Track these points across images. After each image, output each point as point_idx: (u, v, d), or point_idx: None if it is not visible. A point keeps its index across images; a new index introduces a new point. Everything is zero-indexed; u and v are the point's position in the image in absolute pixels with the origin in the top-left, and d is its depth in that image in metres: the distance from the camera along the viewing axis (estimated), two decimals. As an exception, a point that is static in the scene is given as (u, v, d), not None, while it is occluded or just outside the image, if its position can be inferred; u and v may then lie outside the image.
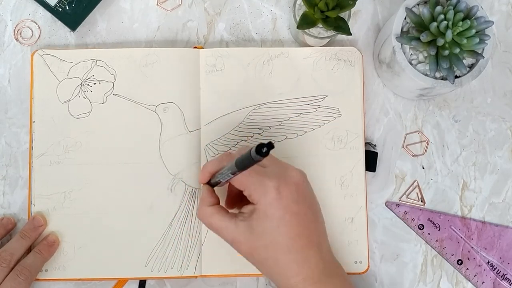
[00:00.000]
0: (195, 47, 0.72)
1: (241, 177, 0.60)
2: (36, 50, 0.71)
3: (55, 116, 0.70)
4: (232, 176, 0.59)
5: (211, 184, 0.64)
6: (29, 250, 0.68)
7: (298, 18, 0.66)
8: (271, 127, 0.71)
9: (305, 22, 0.66)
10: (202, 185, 0.65)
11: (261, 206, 0.60)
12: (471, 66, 0.66)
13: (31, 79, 0.71)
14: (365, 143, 0.71)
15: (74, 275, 0.69)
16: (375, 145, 0.72)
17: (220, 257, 0.69)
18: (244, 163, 0.55)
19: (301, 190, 0.62)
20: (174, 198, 0.70)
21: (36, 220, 0.68)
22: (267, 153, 0.51)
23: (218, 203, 0.64)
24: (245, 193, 0.61)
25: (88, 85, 0.71)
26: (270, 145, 0.51)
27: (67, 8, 0.71)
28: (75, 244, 0.69)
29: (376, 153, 0.72)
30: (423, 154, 0.73)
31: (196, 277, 0.69)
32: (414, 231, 0.72)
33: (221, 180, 0.61)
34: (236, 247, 0.62)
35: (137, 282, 0.70)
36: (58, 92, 0.70)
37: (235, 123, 0.71)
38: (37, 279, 0.68)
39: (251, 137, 0.71)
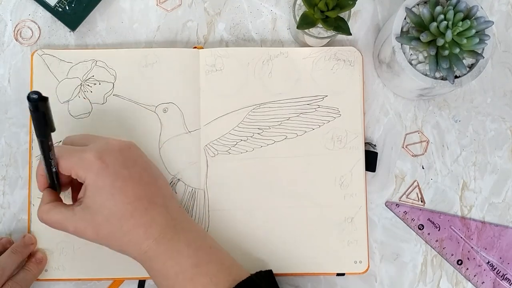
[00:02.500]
0: (195, 47, 0.72)
1: (64, 162, 0.59)
2: (36, 50, 0.71)
3: (55, 117, 0.70)
4: (46, 155, 0.57)
5: (54, 187, 0.63)
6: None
7: (298, 18, 0.66)
8: (270, 127, 0.71)
9: (305, 22, 0.66)
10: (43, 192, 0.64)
11: (90, 180, 0.59)
12: (471, 66, 0.66)
13: (31, 79, 0.70)
14: (365, 143, 0.71)
15: (73, 275, 0.69)
16: (375, 145, 0.72)
17: (220, 257, 0.69)
18: (34, 125, 0.54)
19: (128, 155, 0.61)
20: (174, 198, 0.70)
21: (27, 239, 0.67)
22: (36, 100, 0.49)
23: (58, 200, 0.63)
24: (73, 176, 0.60)
25: (88, 85, 0.71)
26: (40, 94, 0.49)
27: (67, 8, 0.71)
28: (74, 244, 0.69)
29: (376, 153, 0.72)
30: (423, 154, 0.73)
31: (196, 277, 0.69)
32: (414, 231, 0.72)
33: (47, 171, 0.60)
34: (82, 234, 0.60)
35: (137, 282, 0.70)
36: (57, 92, 0.70)
37: (234, 123, 0.71)
38: (37, 279, 0.68)
39: (251, 137, 0.70)
